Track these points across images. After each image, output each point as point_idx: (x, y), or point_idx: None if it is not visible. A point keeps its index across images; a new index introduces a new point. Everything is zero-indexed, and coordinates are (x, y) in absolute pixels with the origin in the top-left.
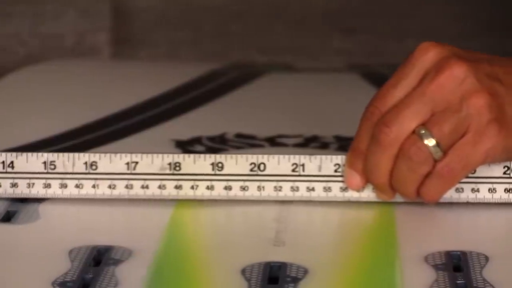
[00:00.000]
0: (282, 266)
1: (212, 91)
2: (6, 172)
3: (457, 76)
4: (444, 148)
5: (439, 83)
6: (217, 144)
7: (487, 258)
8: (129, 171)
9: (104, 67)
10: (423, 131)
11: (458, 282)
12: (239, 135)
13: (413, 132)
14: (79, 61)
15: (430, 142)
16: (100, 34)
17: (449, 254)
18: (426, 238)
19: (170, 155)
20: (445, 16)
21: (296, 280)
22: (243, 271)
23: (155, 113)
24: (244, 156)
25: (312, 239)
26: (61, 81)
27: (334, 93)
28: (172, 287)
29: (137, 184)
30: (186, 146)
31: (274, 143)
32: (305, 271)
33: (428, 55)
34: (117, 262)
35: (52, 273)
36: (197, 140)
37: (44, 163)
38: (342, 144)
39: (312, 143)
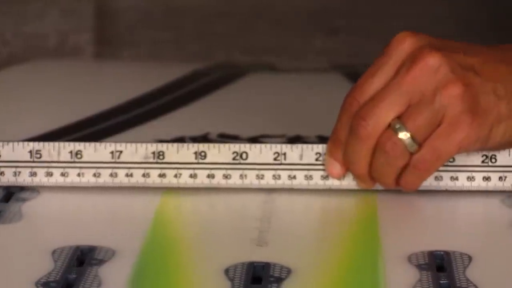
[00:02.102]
0: (265, 266)
1: (195, 91)
2: None
3: (431, 67)
4: (419, 141)
5: (413, 74)
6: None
7: (470, 258)
8: (113, 160)
9: (87, 67)
10: (398, 126)
11: (442, 282)
12: (222, 135)
13: (389, 125)
14: (62, 61)
15: (405, 135)
16: (83, 34)
17: (432, 254)
18: (409, 237)
19: (154, 144)
20: (429, 17)
21: (279, 280)
22: (227, 271)
23: (138, 113)
24: (227, 145)
25: (295, 239)
26: (44, 81)
27: (317, 93)
28: None
29: (121, 172)
30: None
31: (257, 143)
32: (289, 271)
33: (404, 45)
34: (100, 262)
35: (35, 273)
36: (180, 140)
37: (30, 152)
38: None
39: (297, 142)
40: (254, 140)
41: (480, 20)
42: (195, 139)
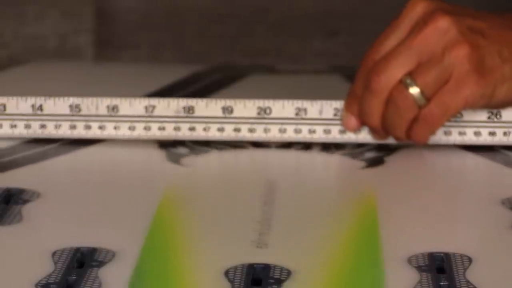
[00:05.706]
0: (265, 267)
1: (195, 93)
2: (36, 115)
3: (441, 28)
4: (428, 96)
5: (424, 35)
6: (200, 146)
7: (470, 260)
8: (147, 114)
9: (87, 69)
10: (409, 81)
11: (442, 284)
12: None
13: (401, 81)
14: (62, 63)
15: (415, 90)
16: (82, 36)
17: (432, 256)
18: (409, 239)
19: (185, 100)
20: None
21: (279, 281)
22: (227, 273)
23: None
24: (252, 100)
25: (294, 241)
26: (44, 83)
27: (317, 95)
28: None
29: (154, 126)
30: (169, 147)
31: (257, 144)
32: (288, 273)
33: (416, 9)
34: (100, 264)
35: (36, 275)
36: (180, 141)
37: (70, 106)
38: (326, 145)
39: (296, 144)
40: (254, 141)
41: None
42: (196, 141)
